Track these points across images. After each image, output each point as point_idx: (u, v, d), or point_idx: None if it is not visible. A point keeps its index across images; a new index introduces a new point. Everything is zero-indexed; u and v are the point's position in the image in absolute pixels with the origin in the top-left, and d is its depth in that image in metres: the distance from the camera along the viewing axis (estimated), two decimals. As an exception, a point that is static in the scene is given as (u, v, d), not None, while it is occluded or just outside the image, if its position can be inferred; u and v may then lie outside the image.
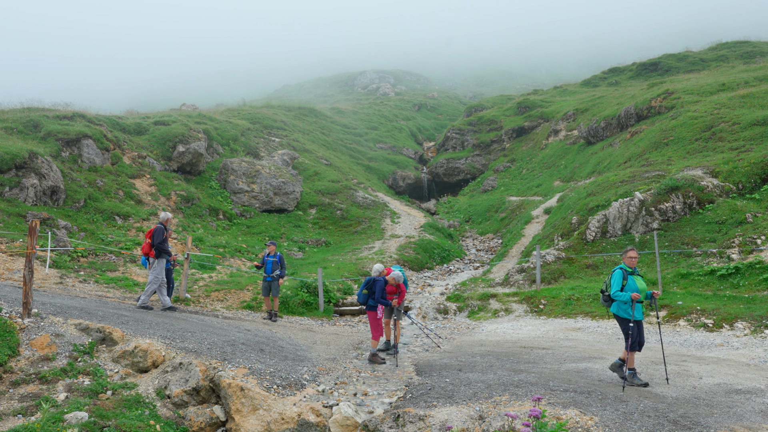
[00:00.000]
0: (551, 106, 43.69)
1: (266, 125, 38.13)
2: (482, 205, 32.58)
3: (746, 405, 7.13)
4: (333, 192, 30.23)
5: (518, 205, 29.60)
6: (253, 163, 28.92)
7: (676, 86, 30.41)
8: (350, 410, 7.63)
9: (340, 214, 28.24)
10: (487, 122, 45.32)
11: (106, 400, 7.76)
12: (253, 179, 27.76)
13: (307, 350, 10.97)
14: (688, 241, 16.50)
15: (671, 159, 22.17)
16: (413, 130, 53.83)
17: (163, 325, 10.58)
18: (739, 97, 25.16)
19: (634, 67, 49.56)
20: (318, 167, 33.63)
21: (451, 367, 9.65)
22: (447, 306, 16.26)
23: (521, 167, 37.93)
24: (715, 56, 45.18)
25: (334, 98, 72.59)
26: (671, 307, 13.05)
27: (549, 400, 7.28)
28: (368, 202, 30.29)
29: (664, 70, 45.17)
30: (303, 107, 48.09)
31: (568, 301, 14.88)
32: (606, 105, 35.22)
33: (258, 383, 8.26)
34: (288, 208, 27.84)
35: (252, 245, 23.02)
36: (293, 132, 39.44)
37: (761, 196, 17.18)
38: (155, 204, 23.07)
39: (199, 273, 17.85)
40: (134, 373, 8.81)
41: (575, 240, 18.89)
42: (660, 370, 8.93)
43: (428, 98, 66.85)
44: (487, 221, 30.25)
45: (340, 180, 32.22)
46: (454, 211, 34.04)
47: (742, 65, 37.67)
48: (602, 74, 52.18)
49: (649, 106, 28.98)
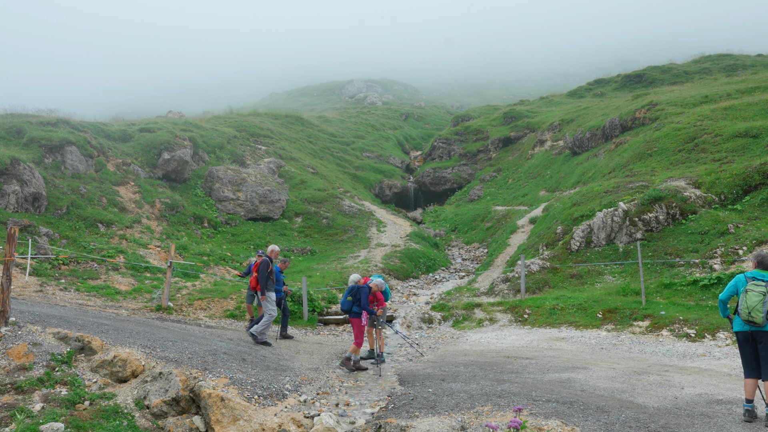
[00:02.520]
0: (537, 116, 44.00)
1: (253, 133, 38.02)
2: (468, 214, 32.65)
3: (727, 416, 7.16)
4: (319, 200, 30.16)
5: (504, 214, 29.69)
6: (239, 171, 28.80)
7: (660, 98, 30.75)
8: (331, 421, 7.55)
9: (326, 222, 28.17)
10: (474, 132, 45.52)
11: (83, 410, 7.63)
12: (238, 187, 27.63)
13: (290, 360, 10.88)
14: (672, 252, 16.62)
15: (655, 170, 22.37)
16: (400, 140, 53.95)
17: (144, 335, 10.45)
18: (721, 109, 25.48)
19: (619, 78, 50.14)
20: (304, 176, 33.56)
21: (435, 377, 9.61)
22: (432, 315, 16.23)
23: (507, 177, 38.10)
24: (698, 69, 45.82)
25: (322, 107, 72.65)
26: (654, 317, 13.11)
27: (531, 410, 7.26)
28: (354, 210, 30.25)
29: (648, 82, 45.73)
30: (290, 115, 48.02)
31: (553, 310, 14.90)
32: (591, 116, 35.53)
33: (239, 393, 8.16)
34: (274, 216, 27.73)
35: (237, 253, 22.88)
36: (280, 140, 39.37)
37: (743, 207, 17.37)
38: (139, 211, 22.88)
39: (182, 281, 17.69)
40: (113, 383, 8.68)
41: (560, 250, 18.97)
42: (642, 381, 8.95)
43: (415, 108, 67.09)
44: (473, 230, 30.31)
45: (327, 188, 32.17)
46: (441, 220, 34.08)
47: (724, 78, 38.21)
48: (588, 85, 52.72)
49: (634, 118, 29.27)
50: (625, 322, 13.40)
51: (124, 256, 18.64)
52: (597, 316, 14.00)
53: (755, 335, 7.05)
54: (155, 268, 18.57)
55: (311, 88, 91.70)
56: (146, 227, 22.04)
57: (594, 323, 13.78)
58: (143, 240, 20.86)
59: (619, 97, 41.55)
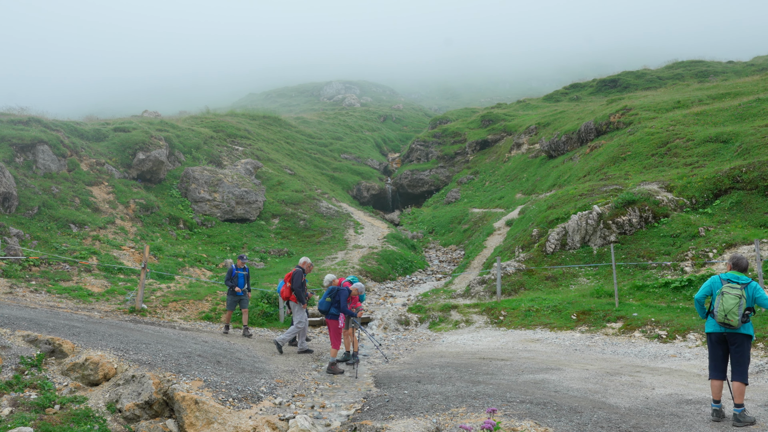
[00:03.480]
0: (514, 119, 44.39)
1: (230, 134, 37.74)
2: (446, 216, 32.80)
3: (696, 415, 7.30)
4: (296, 202, 30.05)
5: (481, 216, 29.89)
6: (215, 172, 28.56)
7: (634, 103, 31.24)
8: (307, 423, 7.53)
9: (303, 224, 28.07)
10: (452, 134, 45.77)
11: (53, 414, 7.50)
12: (215, 188, 27.40)
13: (266, 362, 10.81)
14: (644, 254, 16.89)
15: (628, 173, 22.71)
16: (378, 141, 54.02)
17: (117, 337, 10.30)
18: (693, 115, 25.97)
19: (594, 83, 50.83)
20: (282, 177, 33.40)
21: (411, 379, 9.63)
22: (408, 317, 16.26)
23: (484, 179, 38.36)
24: (671, 74, 46.68)
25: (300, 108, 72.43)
26: (627, 318, 13.31)
27: (505, 411, 7.32)
28: (332, 212, 30.20)
29: (623, 87, 46.44)
30: (268, 116, 47.78)
31: (528, 312, 15.04)
32: (567, 120, 35.94)
33: (213, 396, 8.09)
34: (250, 217, 27.54)
35: (213, 255, 22.68)
36: (257, 141, 39.14)
37: (713, 210, 17.72)
38: (113, 212, 22.56)
39: (156, 283, 17.48)
40: (84, 386, 8.54)
41: (535, 252, 19.15)
42: (615, 381, 9.08)
43: (394, 110, 67.23)
44: (451, 233, 30.45)
45: (304, 190, 32.06)
46: (418, 222, 34.18)
47: (696, 84, 38.97)
48: (564, 89, 53.33)
49: (608, 122, 29.68)
50: (599, 324, 13.58)
51: (97, 257, 18.36)
52: (571, 318, 14.16)
53: (728, 337, 7.17)
54: (129, 270, 18.33)
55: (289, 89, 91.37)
56: (120, 228, 21.74)
57: (568, 325, 13.94)
58: (117, 241, 20.57)
59: (594, 102, 42.12)
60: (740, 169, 18.27)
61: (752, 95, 26.72)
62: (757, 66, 44.22)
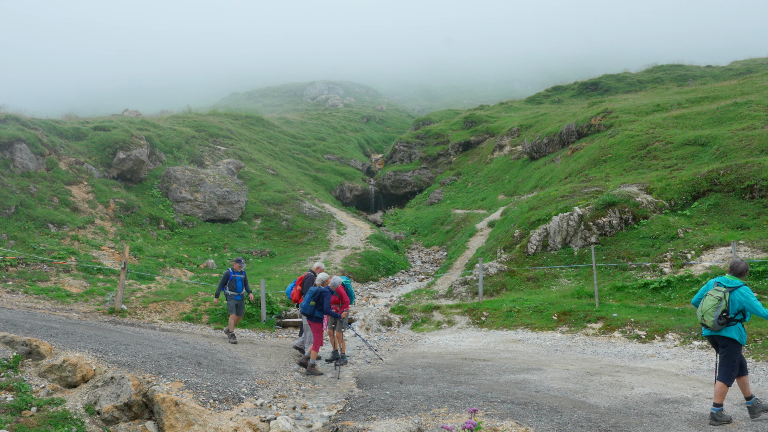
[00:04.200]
0: (497, 121, 44.64)
1: (212, 133, 37.48)
2: (428, 217, 32.88)
3: (674, 414, 7.39)
4: (279, 202, 29.92)
5: (463, 218, 30.00)
6: (197, 172, 28.34)
7: (614, 105, 31.58)
8: (288, 424, 7.50)
9: (285, 224, 27.96)
10: (435, 136, 45.91)
11: (30, 417, 7.39)
12: (196, 188, 27.19)
13: (247, 363, 10.75)
14: (624, 255, 17.08)
15: (609, 175, 22.95)
16: (361, 142, 54.00)
17: (96, 338, 10.18)
18: (672, 118, 26.32)
19: (576, 86, 51.29)
20: (264, 177, 33.25)
21: (393, 380, 9.64)
22: (391, 318, 16.27)
23: (467, 181, 38.53)
24: (651, 78, 47.25)
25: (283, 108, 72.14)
26: (607, 319, 13.44)
27: (486, 411, 7.36)
28: (315, 213, 30.12)
29: (604, 90, 46.91)
30: (250, 116, 47.52)
31: (509, 313, 15.13)
32: (549, 122, 36.23)
33: (194, 397, 8.03)
34: (232, 218, 27.37)
35: (194, 255, 22.51)
36: (240, 141, 38.91)
37: (691, 212, 17.98)
38: (92, 212, 22.29)
39: (137, 284, 17.30)
40: (62, 388, 8.43)
41: (517, 253, 19.27)
42: (595, 381, 9.17)
43: (377, 110, 67.25)
44: (433, 233, 30.54)
45: (287, 190, 31.94)
46: (401, 223, 34.22)
47: (675, 87, 39.49)
48: (546, 92, 53.75)
49: (589, 124, 29.97)
50: (579, 324, 13.70)
51: (75, 257, 18.13)
52: (552, 318, 14.27)
53: (717, 340, 7.27)
54: (109, 270, 18.12)
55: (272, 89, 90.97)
56: (100, 228, 21.48)
57: (549, 325, 14.04)
58: (96, 241, 20.33)
59: (575, 104, 42.50)
60: (718, 171, 18.55)
61: (730, 99, 27.16)
62: (735, 71, 44.93)
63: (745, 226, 16.47)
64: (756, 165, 18.04)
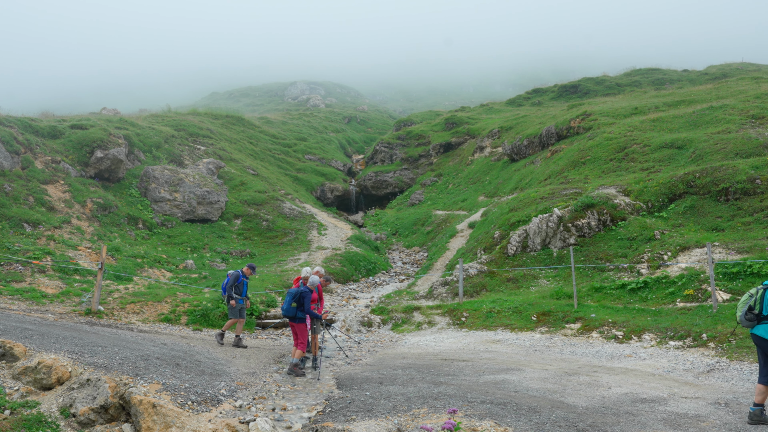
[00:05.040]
0: (477, 123, 44.86)
1: (192, 133, 37.15)
2: (409, 218, 32.93)
3: (650, 414, 7.49)
4: (259, 203, 29.75)
5: (444, 219, 30.10)
6: (176, 171, 28.07)
7: (593, 108, 31.93)
8: (267, 426, 7.46)
9: (266, 225, 27.81)
10: (416, 137, 46.00)
11: (3, 420, 7.26)
12: (175, 188, 26.92)
13: (226, 364, 10.67)
14: (602, 257, 17.27)
15: (588, 177, 23.19)
16: (343, 143, 53.91)
17: (71, 340, 10.03)
18: (650, 121, 26.69)
19: (555, 88, 51.79)
20: (245, 177, 33.04)
21: (373, 380, 9.64)
22: (371, 319, 16.27)
23: (448, 182, 38.66)
24: (629, 81, 47.88)
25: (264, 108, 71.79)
26: (585, 319, 13.58)
27: (466, 411, 7.39)
28: (295, 213, 30.00)
29: (583, 93, 47.43)
30: (231, 116, 47.20)
31: (489, 313, 15.21)
32: (529, 124, 36.51)
33: (172, 399, 7.95)
34: (212, 218, 27.16)
35: (173, 256, 22.28)
36: (220, 141, 38.63)
37: (668, 214, 18.25)
38: (69, 211, 21.96)
39: (114, 284, 17.09)
40: (37, 390, 8.29)
41: (497, 254, 19.39)
42: (573, 381, 9.26)
43: (358, 111, 67.21)
44: (414, 234, 30.59)
45: (267, 191, 31.77)
46: (382, 223, 34.23)
47: (653, 91, 40.07)
48: (526, 94, 54.19)
49: (569, 127, 30.26)
50: (558, 325, 13.82)
51: (51, 257, 17.84)
52: (531, 319, 14.38)
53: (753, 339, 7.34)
54: (85, 271, 17.86)
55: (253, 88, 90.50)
56: (76, 228, 21.17)
57: (529, 326, 14.15)
58: (73, 241, 20.04)
59: (555, 107, 42.90)
60: (694, 174, 18.86)
61: (706, 103, 27.62)
62: (711, 75, 45.70)
63: (720, 228, 16.77)
64: (731, 168, 18.37)
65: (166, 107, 44.73)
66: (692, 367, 10.15)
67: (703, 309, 12.60)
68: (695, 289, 13.63)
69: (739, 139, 21.18)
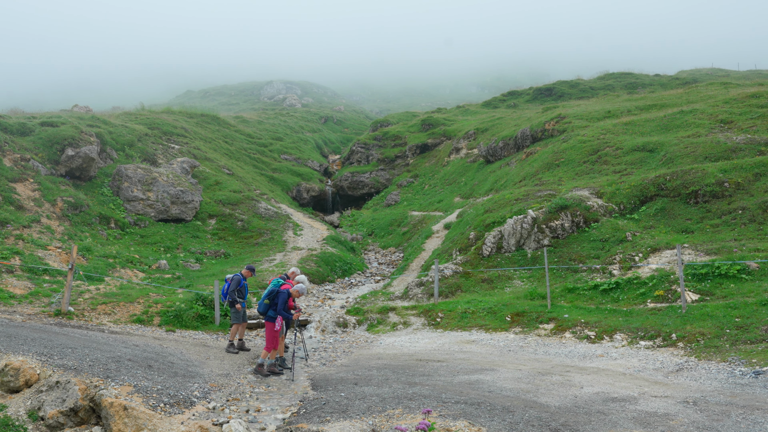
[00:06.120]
0: (454, 124, 45.10)
1: (166, 131, 36.70)
2: (385, 219, 32.97)
3: (621, 413, 7.61)
4: (234, 202, 29.51)
5: (420, 219, 30.19)
6: (149, 170, 27.70)
7: (567, 111, 32.32)
8: (241, 428, 7.41)
9: (241, 225, 27.60)
10: (392, 138, 46.08)
11: (-32, 423, 7.10)
12: (149, 187, 26.57)
13: (200, 366, 10.57)
14: (575, 258, 17.49)
15: (562, 179, 23.47)
16: (319, 143, 53.77)
17: (40, 341, 9.84)
18: (622, 124, 27.12)
19: (531, 91, 52.34)
20: (219, 176, 32.74)
21: (348, 381, 9.63)
22: (347, 319, 16.24)
23: (424, 183, 38.80)
24: (602, 85, 48.61)
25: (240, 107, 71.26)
26: (558, 320, 13.74)
27: (440, 412, 7.43)
28: (271, 213, 29.82)
29: (557, 96, 48.01)
30: (206, 114, 46.75)
31: (464, 314, 15.30)
32: (504, 126, 36.82)
33: (143, 402, 7.85)
34: (186, 217, 26.86)
35: (146, 256, 21.98)
36: (194, 139, 38.22)
37: (639, 216, 18.55)
38: (38, 210, 21.53)
39: (85, 285, 16.79)
40: (4, 393, 8.13)
41: (472, 255, 19.51)
42: (546, 381, 9.36)
43: (335, 111, 67.09)
44: (390, 235, 30.63)
45: (243, 190, 31.53)
46: (358, 224, 34.21)
47: (626, 95, 40.71)
48: (502, 96, 54.67)
49: (543, 129, 30.59)
50: (532, 325, 13.96)
51: (20, 257, 17.47)
52: (506, 320, 14.50)
53: None
54: (55, 271, 17.53)
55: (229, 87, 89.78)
56: (46, 227, 20.77)
57: (503, 326, 14.26)
58: (42, 241, 19.65)
59: (530, 109, 43.33)
60: (664, 177, 19.21)
61: (676, 107, 28.15)
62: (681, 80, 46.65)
63: (690, 230, 17.10)
64: (700, 171, 18.75)
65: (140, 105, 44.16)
66: (662, 366, 10.34)
67: (673, 309, 12.84)
68: (665, 290, 13.88)
69: (708, 143, 21.63)
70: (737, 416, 7.27)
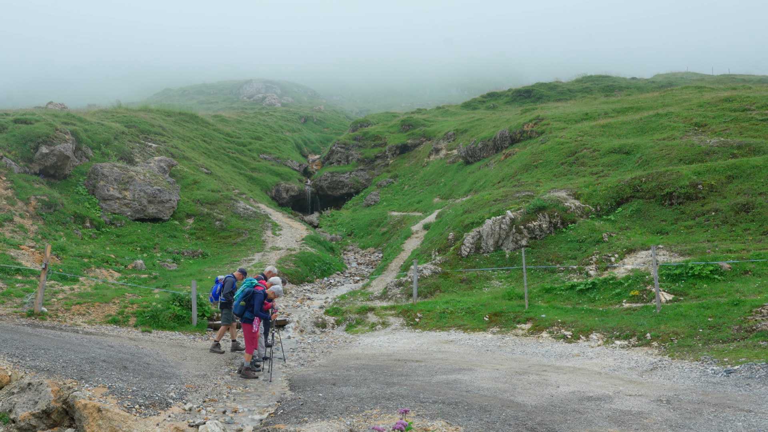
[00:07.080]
0: (433, 125, 45.25)
1: (143, 130, 36.26)
2: (365, 219, 32.96)
3: (596, 411, 7.70)
4: (213, 202, 29.27)
5: (399, 220, 30.24)
6: (126, 169, 27.34)
7: (546, 113, 32.62)
8: (217, 429, 7.35)
9: (219, 224, 27.38)
10: (372, 138, 46.09)
11: (-64, 427, 6.94)
12: (125, 186, 26.23)
13: (176, 367, 10.46)
14: (553, 258, 17.66)
15: (540, 180, 23.68)
16: (299, 143, 53.57)
17: (12, 342, 9.66)
18: (599, 127, 27.45)
19: (510, 93, 52.72)
20: (198, 176, 32.44)
21: (326, 382, 9.60)
22: (325, 320, 16.21)
23: (403, 183, 38.86)
24: (580, 87, 49.15)
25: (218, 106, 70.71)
26: (536, 319, 13.86)
27: (418, 411, 7.44)
28: (249, 213, 29.64)
29: (536, 98, 48.43)
30: (184, 113, 46.29)
31: (443, 314, 15.35)
32: (484, 127, 37.04)
33: (118, 403, 7.74)
34: (163, 217, 26.57)
35: (122, 255, 21.70)
36: (172, 138, 37.82)
37: (616, 217, 18.79)
38: (11, 209, 21.13)
39: (59, 285, 16.52)
40: (-26, 395, 7.95)
41: (451, 255, 19.59)
42: (523, 380, 9.43)
43: (315, 111, 66.91)
44: (369, 235, 30.62)
45: (221, 190, 31.29)
46: (337, 224, 34.16)
47: (603, 97, 41.21)
48: (481, 98, 55.00)
49: (522, 131, 30.83)
50: (510, 325, 14.06)
51: (-8, 257, 17.13)
52: (484, 320, 14.59)
53: None
54: (28, 271, 17.22)
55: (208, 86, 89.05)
56: (19, 226, 20.39)
57: (481, 326, 14.34)
58: (15, 240, 19.29)
59: (509, 111, 43.64)
60: (640, 179, 19.48)
61: (652, 110, 28.57)
62: (657, 83, 47.37)
63: (664, 231, 17.37)
64: (675, 173, 19.05)
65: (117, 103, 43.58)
66: (636, 365, 10.48)
67: (648, 309, 13.02)
68: (640, 290, 14.08)
69: (683, 145, 21.99)
70: (709, 414, 7.40)
